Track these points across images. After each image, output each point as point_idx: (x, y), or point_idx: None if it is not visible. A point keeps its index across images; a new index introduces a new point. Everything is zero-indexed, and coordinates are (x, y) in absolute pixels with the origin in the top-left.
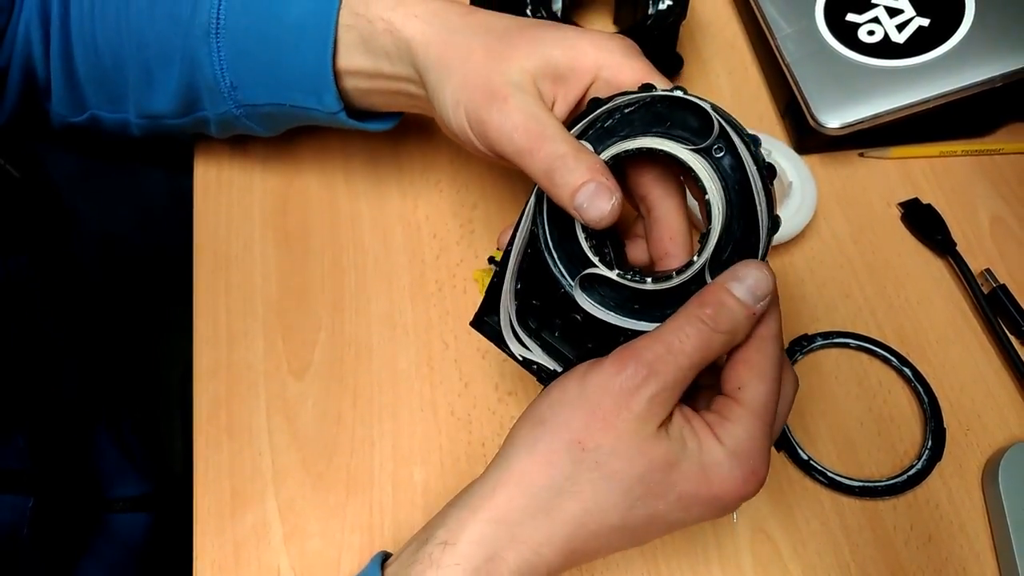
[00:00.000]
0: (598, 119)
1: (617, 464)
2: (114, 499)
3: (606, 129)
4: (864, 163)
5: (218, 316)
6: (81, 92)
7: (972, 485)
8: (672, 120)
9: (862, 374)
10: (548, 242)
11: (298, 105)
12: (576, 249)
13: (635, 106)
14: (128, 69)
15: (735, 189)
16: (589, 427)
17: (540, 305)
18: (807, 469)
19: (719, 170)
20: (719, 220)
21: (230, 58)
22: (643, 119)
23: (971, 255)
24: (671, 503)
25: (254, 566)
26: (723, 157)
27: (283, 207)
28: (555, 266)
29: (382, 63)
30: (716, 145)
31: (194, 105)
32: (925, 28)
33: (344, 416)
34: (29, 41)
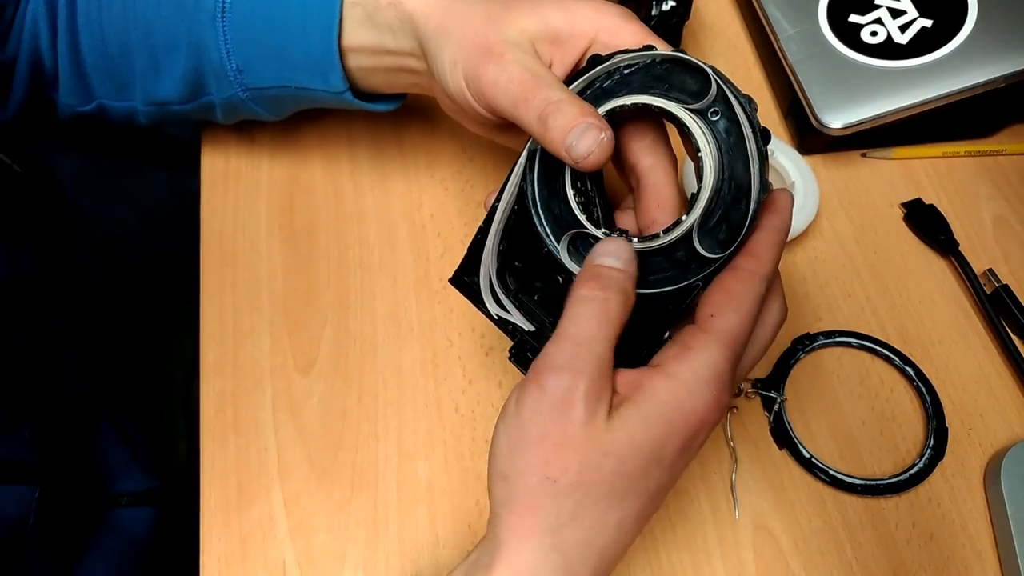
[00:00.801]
0: (597, 78)
1: (590, 476)
2: (119, 494)
3: (604, 89)
4: (867, 163)
5: (224, 313)
6: (88, 81)
7: (974, 484)
8: (670, 82)
9: (864, 373)
10: (536, 200)
11: (304, 87)
12: (564, 209)
13: (635, 66)
14: (135, 56)
15: (729, 153)
16: (547, 460)
17: (522, 267)
18: (809, 467)
19: (714, 133)
20: (710, 181)
21: (236, 41)
22: (642, 80)
23: (974, 255)
24: (657, 475)
25: (260, 560)
26: (718, 120)
27: (289, 205)
28: (540, 225)
29: (386, 38)
30: (712, 108)
31: (200, 90)
32: (928, 29)
33: (349, 412)
34: (36, 33)
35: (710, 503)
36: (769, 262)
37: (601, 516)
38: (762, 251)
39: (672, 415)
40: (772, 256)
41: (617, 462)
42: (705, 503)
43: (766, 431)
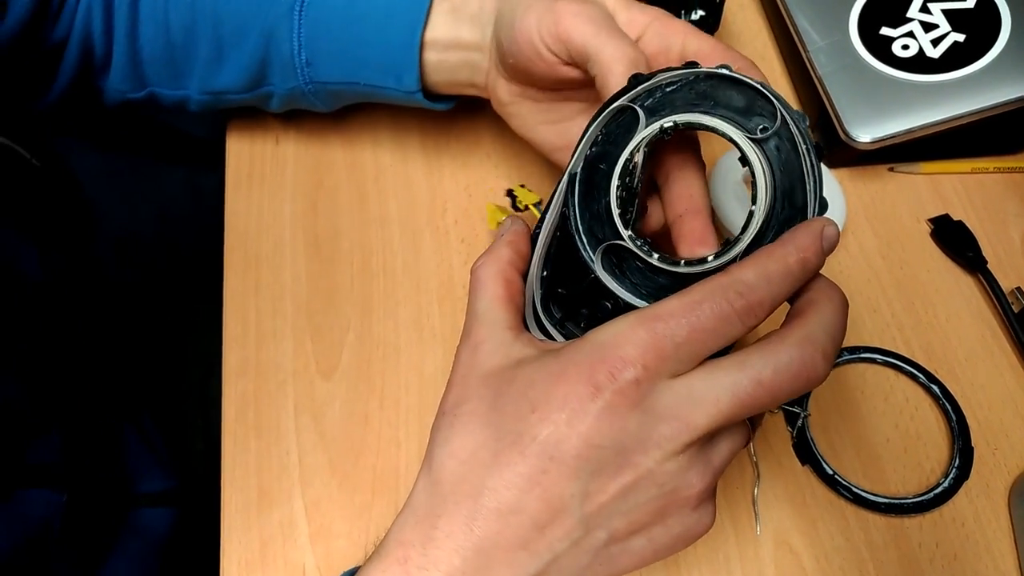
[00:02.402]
0: (638, 96)
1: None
2: (140, 494)
3: (647, 108)
4: (894, 178)
5: (247, 316)
6: (143, 70)
7: (999, 505)
8: (716, 99)
9: (888, 390)
10: (579, 225)
11: (373, 84)
12: (608, 233)
13: (677, 84)
14: (199, 46)
15: (781, 170)
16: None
17: (566, 294)
18: (832, 484)
19: (765, 151)
20: (764, 201)
21: (309, 35)
22: (686, 98)
23: (1002, 273)
24: (529, 417)
25: (280, 564)
26: (768, 139)
27: (313, 209)
28: (585, 250)
29: (463, 29)
30: (762, 126)
31: (262, 80)
32: (960, 44)
33: (371, 417)
34: (90, 18)
35: (732, 519)
36: (751, 275)
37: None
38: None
39: (564, 364)
40: (756, 273)
41: (494, 391)
42: (727, 519)
43: (789, 447)
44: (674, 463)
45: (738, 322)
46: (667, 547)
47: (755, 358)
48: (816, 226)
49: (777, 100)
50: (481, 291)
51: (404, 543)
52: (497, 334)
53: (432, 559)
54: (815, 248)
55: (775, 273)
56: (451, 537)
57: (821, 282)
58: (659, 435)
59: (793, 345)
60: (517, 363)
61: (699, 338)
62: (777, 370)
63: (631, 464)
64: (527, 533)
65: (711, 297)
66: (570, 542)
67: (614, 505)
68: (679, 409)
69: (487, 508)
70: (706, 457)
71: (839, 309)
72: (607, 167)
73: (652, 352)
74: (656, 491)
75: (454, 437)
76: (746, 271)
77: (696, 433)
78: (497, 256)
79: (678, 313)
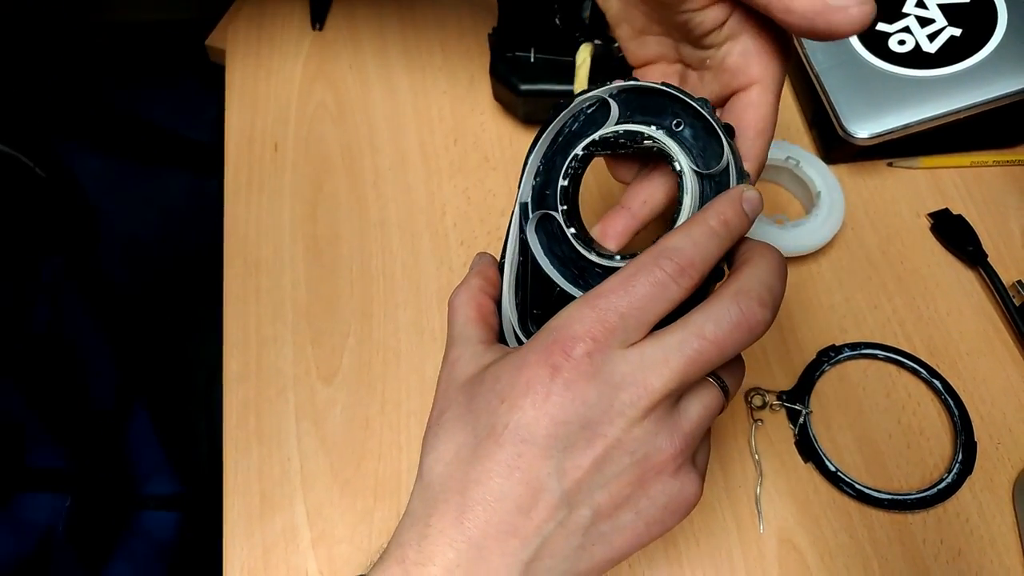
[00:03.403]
0: (564, 123)
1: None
2: (146, 496)
3: (574, 132)
4: (893, 173)
5: (248, 321)
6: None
7: (1003, 499)
8: (631, 108)
9: (890, 386)
10: (538, 247)
11: None
12: (566, 249)
13: (595, 104)
14: None
15: (700, 156)
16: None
17: (541, 314)
18: (835, 481)
19: (682, 143)
20: (692, 189)
21: None
22: (605, 114)
23: (1002, 266)
24: (494, 406)
25: (283, 570)
26: (682, 130)
27: (312, 214)
28: (548, 267)
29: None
30: (675, 120)
31: None
32: (957, 38)
33: (372, 421)
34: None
35: (735, 517)
36: (676, 240)
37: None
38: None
39: (524, 354)
40: (680, 237)
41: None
42: (729, 517)
43: (791, 444)
44: (640, 428)
45: (673, 284)
46: (657, 520)
47: (696, 316)
48: (735, 192)
49: (680, 92)
50: (455, 316)
51: (402, 544)
52: (470, 348)
53: (427, 554)
54: (735, 210)
55: (699, 235)
56: (443, 532)
57: (751, 243)
58: (620, 402)
59: (729, 298)
60: (486, 367)
61: (640, 306)
62: (718, 323)
63: (599, 435)
64: (514, 518)
65: (644, 267)
66: (556, 523)
67: (591, 479)
68: (634, 375)
69: (473, 499)
70: (673, 421)
71: (771, 262)
72: (551, 192)
73: (598, 326)
74: (628, 459)
75: (439, 444)
76: (672, 238)
77: (654, 396)
78: (468, 285)
79: (617, 288)
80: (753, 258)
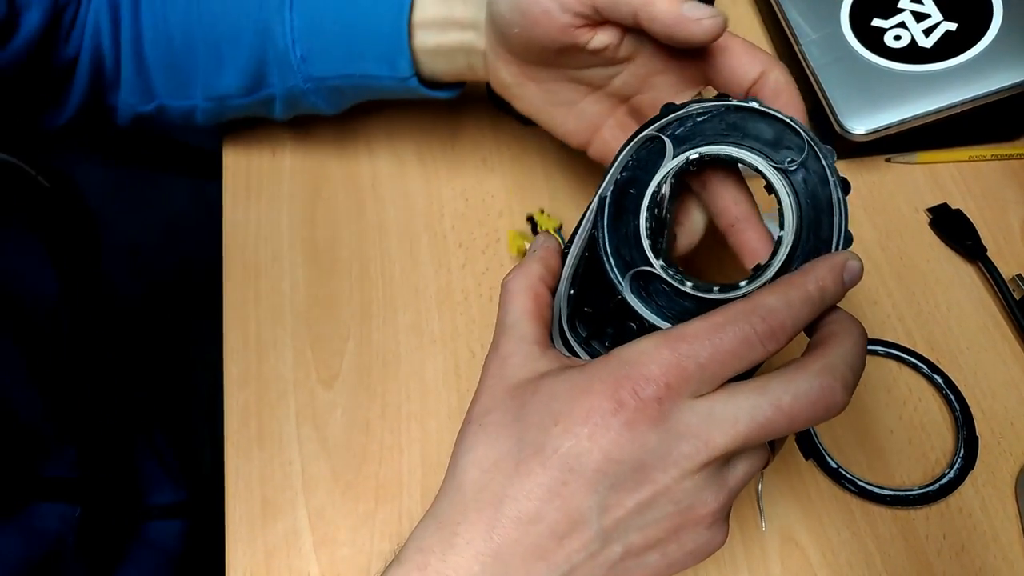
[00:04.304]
0: (669, 125)
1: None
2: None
3: (677, 137)
4: (891, 169)
5: (247, 326)
6: (150, 80)
7: (1006, 494)
8: (745, 131)
9: (891, 382)
10: (607, 247)
11: (368, 74)
12: (636, 256)
13: (708, 115)
14: (198, 50)
15: (807, 202)
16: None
17: (593, 313)
18: (837, 478)
19: (792, 182)
20: (791, 229)
21: (302, 28)
22: (716, 128)
23: (1002, 260)
24: (550, 430)
25: (285, 573)
26: (796, 171)
27: (311, 218)
28: (613, 272)
29: (456, 7)
30: (790, 158)
31: (262, 81)
32: (952, 32)
33: (372, 425)
34: (99, 31)
35: (737, 515)
36: (772, 301)
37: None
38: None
39: (589, 379)
40: (777, 298)
41: (519, 403)
42: (732, 516)
43: (792, 442)
44: (691, 481)
45: (759, 346)
46: (679, 562)
47: (776, 384)
48: (839, 259)
49: (805, 133)
50: (511, 304)
51: (424, 549)
52: (524, 348)
53: (452, 565)
54: (835, 278)
55: (796, 300)
56: (471, 544)
57: (841, 314)
58: (678, 453)
59: (814, 374)
60: (542, 376)
61: (721, 360)
62: (797, 397)
63: (650, 480)
64: (546, 543)
65: (734, 320)
66: (587, 554)
67: (631, 520)
68: (699, 428)
69: (507, 517)
70: (723, 477)
71: (859, 341)
72: (636, 192)
73: (675, 372)
74: (672, 508)
75: (479, 446)
76: (768, 297)
77: (714, 453)
78: (528, 271)
79: (702, 335)
80: (841, 334)
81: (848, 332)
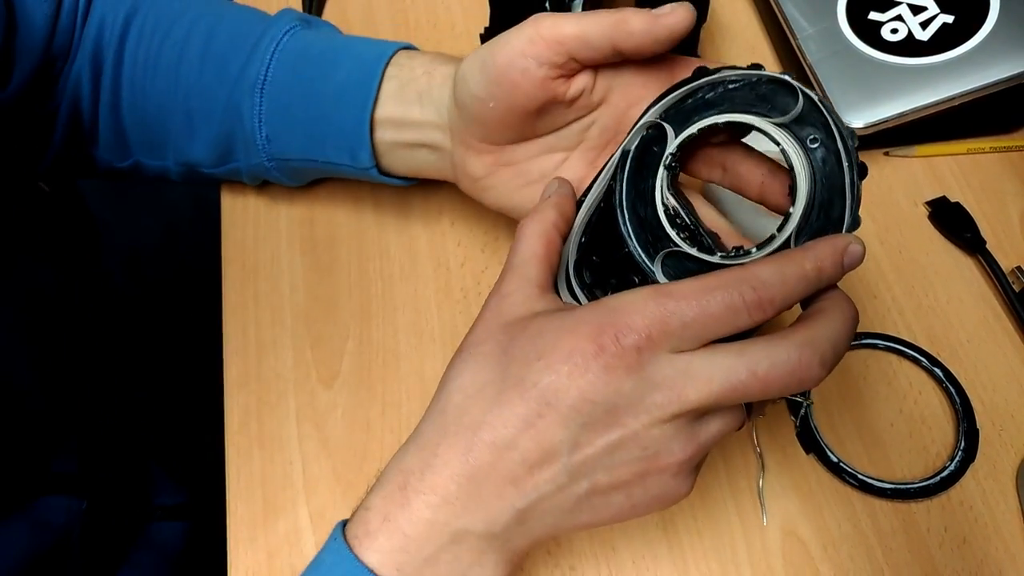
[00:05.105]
0: (700, 88)
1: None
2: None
3: (706, 101)
4: (889, 162)
5: (247, 327)
6: (126, 139)
7: (1007, 486)
8: (773, 103)
9: (891, 375)
10: (623, 201)
11: (330, 161)
12: (649, 213)
13: (739, 83)
14: (172, 118)
15: (822, 182)
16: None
17: (599, 263)
18: (837, 471)
19: (811, 160)
20: (802, 202)
21: (269, 112)
22: (745, 98)
23: (1001, 253)
24: (532, 365)
25: (287, 573)
26: (817, 148)
27: (309, 217)
28: (624, 225)
29: (412, 109)
30: (812, 136)
31: (229, 156)
32: (949, 25)
33: (373, 424)
34: (79, 87)
35: (738, 510)
36: (766, 273)
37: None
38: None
39: (575, 321)
40: (771, 271)
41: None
42: (733, 510)
43: (793, 436)
44: (659, 430)
45: (746, 314)
46: (644, 506)
47: (755, 349)
48: (841, 241)
49: (830, 114)
50: (521, 246)
51: (404, 470)
52: (525, 288)
53: (429, 484)
54: (834, 260)
55: (790, 275)
56: (448, 465)
57: (836, 293)
58: (650, 401)
59: (794, 345)
60: (535, 315)
61: (705, 322)
62: (774, 365)
63: (620, 424)
64: (517, 469)
65: (725, 286)
66: (555, 486)
67: (599, 459)
68: (674, 381)
69: (483, 441)
70: (693, 431)
71: (847, 322)
72: (660, 151)
73: (658, 325)
74: (640, 453)
75: (465, 372)
76: (763, 268)
77: (686, 406)
78: (543, 217)
79: (690, 295)
80: (831, 310)
81: (838, 311)
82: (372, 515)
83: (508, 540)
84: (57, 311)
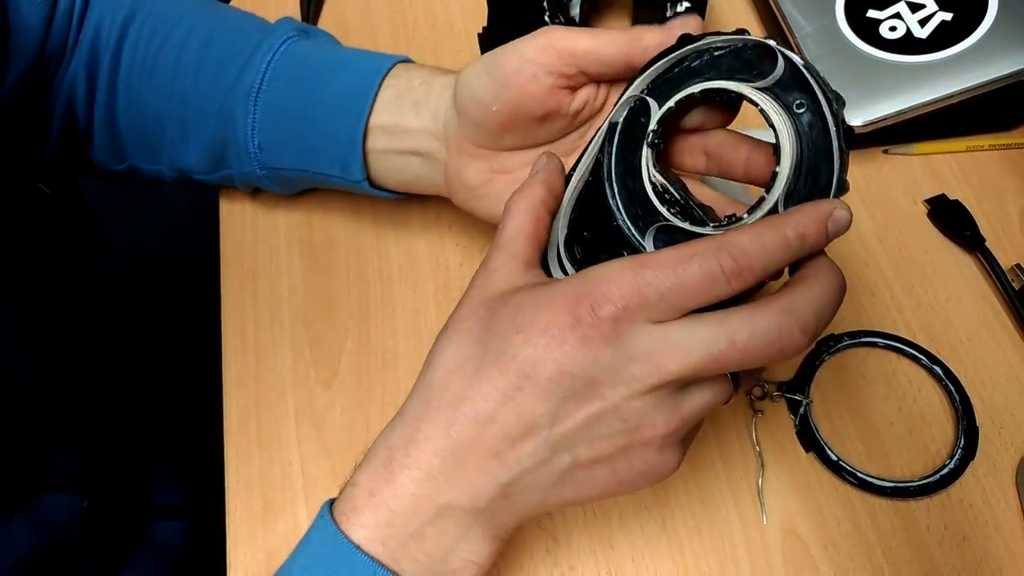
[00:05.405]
0: (686, 56)
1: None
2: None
3: (692, 69)
4: (888, 160)
5: (246, 327)
6: (121, 142)
7: (1007, 484)
8: (760, 70)
9: (891, 373)
10: (611, 173)
11: (321, 172)
12: (638, 185)
13: (725, 50)
14: (166, 124)
15: (809, 148)
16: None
17: (590, 238)
18: (837, 470)
19: (796, 125)
20: (788, 159)
21: (263, 120)
22: (730, 64)
23: (1001, 250)
24: (512, 338)
25: None
26: (803, 114)
27: (308, 218)
28: (613, 199)
29: (407, 115)
30: (798, 101)
31: (221, 163)
32: (948, 22)
33: (372, 424)
34: (74, 89)
35: (737, 508)
36: (746, 240)
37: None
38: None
39: (552, 294)
40: (751, 239)
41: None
42: (732, 508)
43: (792, 435)
44: (640, 401)
45: (724, 283)
46: (629, 481)
47: (735, 318)
48: (825, 206)
49: (815, 78)
50: (508, 223)
51: (390, 446)
52: (510, 264)
53: (413, 459)
54: (818, 227)
55: (771, 242)
56: (431, 440)
57: (822, 260)
58: (628, 373)
59: (775, 314)
60: (517, 290)
61: (682, 292)
62: (753, 335)
63: (599, 396)
64: (499, 443)
65: (702, 255)
66: (537, 460)
67: (580, 432)
68: (651, 352)
69: (464, 415)
70: (675, 403)
71: (832, 289)
72: (647, 121)
73: (634, 295)
74: (621, 426)
75: (448, 349)
76: (742, 236)
77: (665, 377)
78: (530, 192)
79: (667, 264)
80: (815, 277)
81: (823, 277)
82: (358, 491)
83: (494, 515)
84: (57, 311)
